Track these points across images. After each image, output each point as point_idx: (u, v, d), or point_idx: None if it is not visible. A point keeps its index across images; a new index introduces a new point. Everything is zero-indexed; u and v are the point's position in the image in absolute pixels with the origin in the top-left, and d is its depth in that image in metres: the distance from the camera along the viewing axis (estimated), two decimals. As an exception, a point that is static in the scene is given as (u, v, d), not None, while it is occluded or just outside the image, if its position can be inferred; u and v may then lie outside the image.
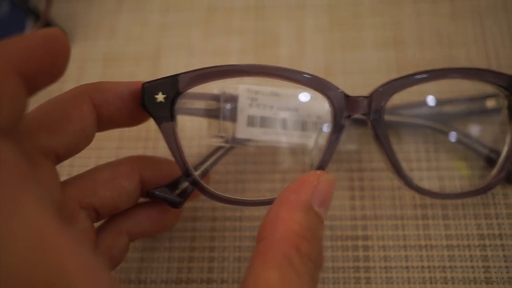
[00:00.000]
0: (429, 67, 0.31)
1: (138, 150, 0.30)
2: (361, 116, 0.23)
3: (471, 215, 0.27)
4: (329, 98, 0.23)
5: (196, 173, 0.23)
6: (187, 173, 0.22)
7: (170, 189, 0.23)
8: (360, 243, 0.27)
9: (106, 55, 0.34)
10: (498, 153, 0.25)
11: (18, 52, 0.17)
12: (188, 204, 0.28)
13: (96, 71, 0.33)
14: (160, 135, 0.22)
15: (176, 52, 0.33)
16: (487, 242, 0.26)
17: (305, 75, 0.22)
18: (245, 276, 0.18)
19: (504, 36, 0.31)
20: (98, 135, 0.22)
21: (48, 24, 0.33)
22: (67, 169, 0.29)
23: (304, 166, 0.28)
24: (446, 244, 0.26)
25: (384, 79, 0.24)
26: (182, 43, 0.34)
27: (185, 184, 0.23)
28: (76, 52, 0.33)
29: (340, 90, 0.23)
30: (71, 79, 0.32)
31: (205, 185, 0.23)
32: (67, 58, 0.17)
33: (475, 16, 0.32)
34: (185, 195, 0.23)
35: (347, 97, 0.23)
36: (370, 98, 0.23)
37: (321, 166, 0.23)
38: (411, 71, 0.24)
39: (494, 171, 0.25)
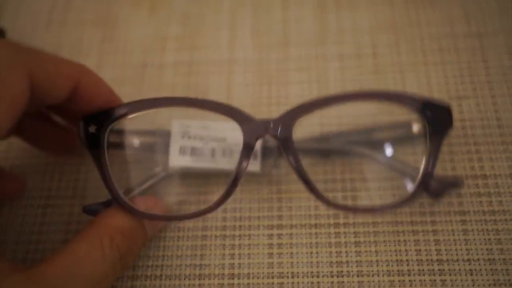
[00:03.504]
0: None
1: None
2: (271, 137, 0.25)
3: (383, 261, 0.27)
4: (236, 121, 0.25)
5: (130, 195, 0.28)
6: (112, 193, 0.25)
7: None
8: (276, 301, 0.27)
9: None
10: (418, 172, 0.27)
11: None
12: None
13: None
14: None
15: (108, 108, 0.34)
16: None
17: (213, 103, 0.25)
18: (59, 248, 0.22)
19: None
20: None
21: None
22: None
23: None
24: (359, 302, 0.27)
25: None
26: (114, 99, 0.34)
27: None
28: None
29: (246, 114, 0.25)
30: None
31: (127, 201, 0.25)
32: None
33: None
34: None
35: (254, 120, 0.25)
36: (278, 120, 0.25)
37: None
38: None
39: (413, 187, 0.27)
